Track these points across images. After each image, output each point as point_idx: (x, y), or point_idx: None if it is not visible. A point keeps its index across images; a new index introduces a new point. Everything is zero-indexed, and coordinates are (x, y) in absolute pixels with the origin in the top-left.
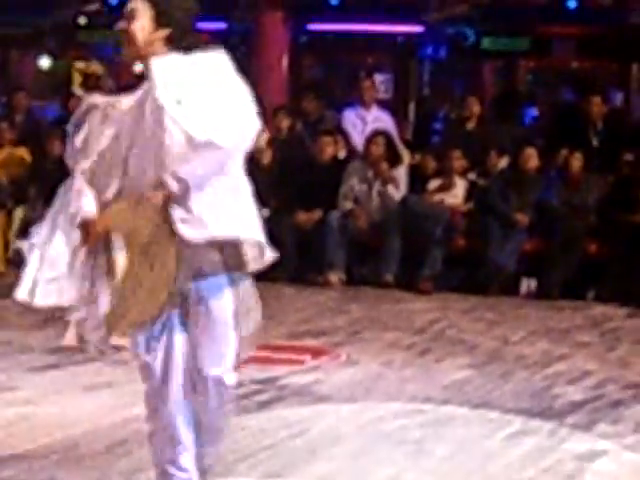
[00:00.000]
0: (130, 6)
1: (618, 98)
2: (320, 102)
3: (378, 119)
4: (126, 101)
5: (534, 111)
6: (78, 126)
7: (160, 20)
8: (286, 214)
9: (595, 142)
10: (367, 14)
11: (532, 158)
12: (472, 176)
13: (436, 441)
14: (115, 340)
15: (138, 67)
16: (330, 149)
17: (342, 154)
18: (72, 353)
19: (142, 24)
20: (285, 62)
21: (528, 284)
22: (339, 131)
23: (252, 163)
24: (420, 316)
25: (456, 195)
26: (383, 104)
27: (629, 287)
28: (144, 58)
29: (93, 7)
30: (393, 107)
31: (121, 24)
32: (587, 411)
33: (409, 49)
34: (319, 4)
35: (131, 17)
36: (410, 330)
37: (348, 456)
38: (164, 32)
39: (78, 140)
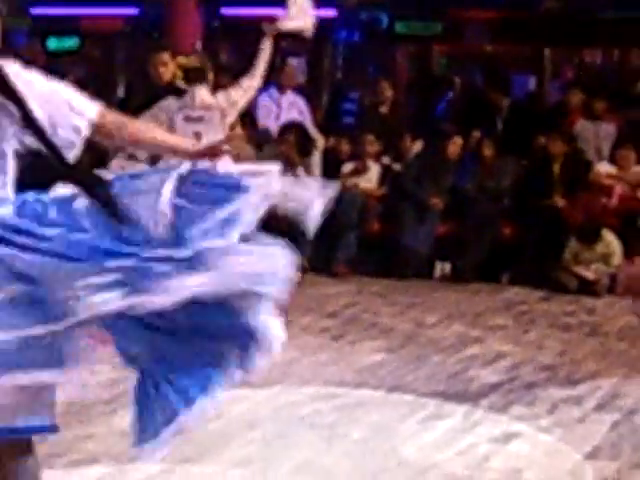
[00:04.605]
0: None
1: (532, 82)
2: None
3: (293, 104)
4: None
5: (450, 95)
6: None
7: None
8: None
9: (499, 126)
10: None
11: (456, 146)
12: (386, 160)
13: (351, 425)
14: None
15: None
16: None
17: None
18: None
19: None
20: (199, 47)
21: (442, 267)
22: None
23: None
24: (335, 300)
25: (370, 179)
26: (297, 89)
27: (543, 270)
28: None
29: None
30: (307, 92)
31: None
32: (502, 393)
33: (323, 33)
34: None
35: None
36: (325, 314)
37: (263, 440)
38: None
39: None
